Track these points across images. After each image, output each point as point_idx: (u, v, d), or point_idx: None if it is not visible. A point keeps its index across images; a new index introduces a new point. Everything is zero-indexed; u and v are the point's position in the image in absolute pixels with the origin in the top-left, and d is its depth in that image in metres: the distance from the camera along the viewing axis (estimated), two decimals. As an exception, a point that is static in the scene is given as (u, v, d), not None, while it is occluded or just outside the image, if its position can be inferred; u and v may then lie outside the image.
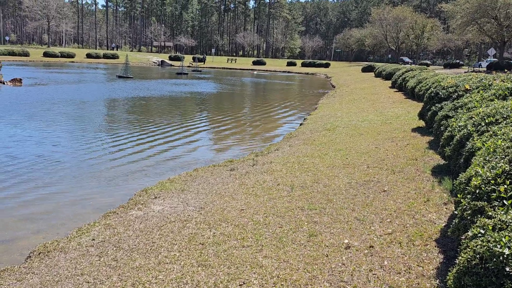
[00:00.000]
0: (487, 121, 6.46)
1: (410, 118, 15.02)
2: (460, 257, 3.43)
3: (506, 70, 41.67)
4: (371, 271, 4.68)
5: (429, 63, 78.61)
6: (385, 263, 4.83)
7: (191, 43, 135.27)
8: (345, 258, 5.02)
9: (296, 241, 5.53)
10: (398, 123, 14.51)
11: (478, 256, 3.24)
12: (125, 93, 28.57)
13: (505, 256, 3.04)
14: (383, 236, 5.53)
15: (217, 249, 5.37)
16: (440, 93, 11.10)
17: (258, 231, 5.91)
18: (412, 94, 21.15)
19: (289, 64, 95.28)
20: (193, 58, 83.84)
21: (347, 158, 10.05)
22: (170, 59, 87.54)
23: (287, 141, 13.78)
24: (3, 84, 29.57)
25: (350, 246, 5.30)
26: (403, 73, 27.58)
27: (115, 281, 4.70)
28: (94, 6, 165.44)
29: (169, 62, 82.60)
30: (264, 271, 4.77)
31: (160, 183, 8.65)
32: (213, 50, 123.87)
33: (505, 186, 3.89)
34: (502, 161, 4.37)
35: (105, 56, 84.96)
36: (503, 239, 3.14)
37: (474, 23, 53.74)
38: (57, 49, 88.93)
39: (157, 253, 5.34)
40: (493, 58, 58.03)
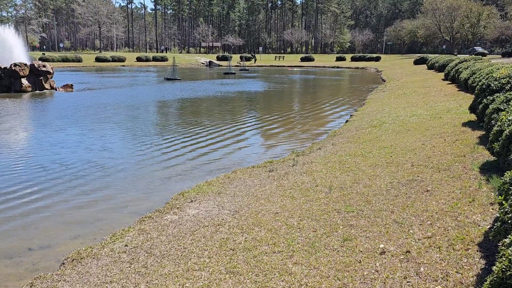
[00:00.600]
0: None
1: (461, 112, 14.36)
2: (495, 266, 3.14)
3: None
4: (406, 278, 4.42)
5: (486, 52, 75.25)
6: (421, 269, 4.55)
7: (238, 42, 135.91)
8: (379, 264, 4.77)
9: (329, 246, 5.33)
10: (449, 117, 13.90)
11: (514, 267, 2.96)
12: (171, 95, 29.03)
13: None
14: (421, 240, 5.24)
15: (247, 255, 5.25)
16: (492, 84, 10.48)
17: (291, 235, 5.74)
18: (465, 86, 20.25)
19: (338, 59, 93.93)
20: (241, 57, 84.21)
21: (391, 156, 9.69)
22: (218, 59, 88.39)
23: (331, 139, 13.50)
24: (56, 90, 30.72)
25: (385, 251, 5.05)
26: (456, 65, 26.49)
27: (142, 289, 4.67)
28: (143, 10, 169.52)
29: (216, 62, 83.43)
30: (293, 279, 4.61)
31: (197, 186, 8.63)
32: (260, 48, 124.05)
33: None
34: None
35: (154, 59, 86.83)
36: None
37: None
38: (108, 54, 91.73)
39: (187, 259, 5.29)
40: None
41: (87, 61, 78.45)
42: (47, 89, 30.60)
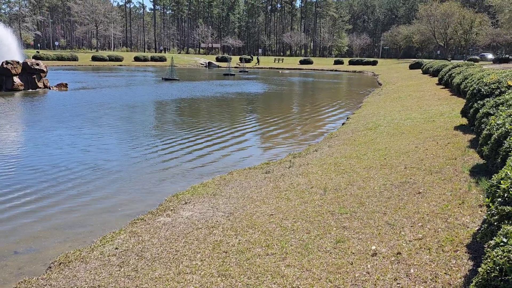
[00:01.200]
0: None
1: (454, 116, 14.47)
2: (481, 268, 3.20)
3: None
4: (396, 280, 4.49)
5: (478, 58, 75.84)
6: (411, 271, 4.62)
7: (238, 44, 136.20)
8: (370, 266, 4.84)
9: (322, 248, 5.39)
10: (441, 121, 14.00)
11: (498, 267, 3.02)
12: (169, 96, 28.93)
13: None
14: (412, 241, 5.30)
15: (240, 257, 5.29)
16: (482, 89, 10.63)
17: (285, 237, 5.80)
18: (458, 91, 20.40)
19: (336, 62, 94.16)
20: (240, 59, 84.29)
21: (385, 159, 9.77)
22: (217, 60, 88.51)
23: (327, 141, 13.58)
24: (49, 89, 30.52)
25: (377, 253, 5.11)
26: (449, 70, 26.78)
27: (131, 293, 4.69)
28: (142, 9, 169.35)
29: (216, 63, 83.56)
30: (285, 281, 4.66)
31: (192, 187, 8.66)
32: (260, 51, 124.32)
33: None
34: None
35: (152, 59, 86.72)
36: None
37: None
38: (105, 53, 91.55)
39: (178, 262, 5.32)
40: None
41: (83, 60, 78.16)
42: (40, 87, 30.11)
